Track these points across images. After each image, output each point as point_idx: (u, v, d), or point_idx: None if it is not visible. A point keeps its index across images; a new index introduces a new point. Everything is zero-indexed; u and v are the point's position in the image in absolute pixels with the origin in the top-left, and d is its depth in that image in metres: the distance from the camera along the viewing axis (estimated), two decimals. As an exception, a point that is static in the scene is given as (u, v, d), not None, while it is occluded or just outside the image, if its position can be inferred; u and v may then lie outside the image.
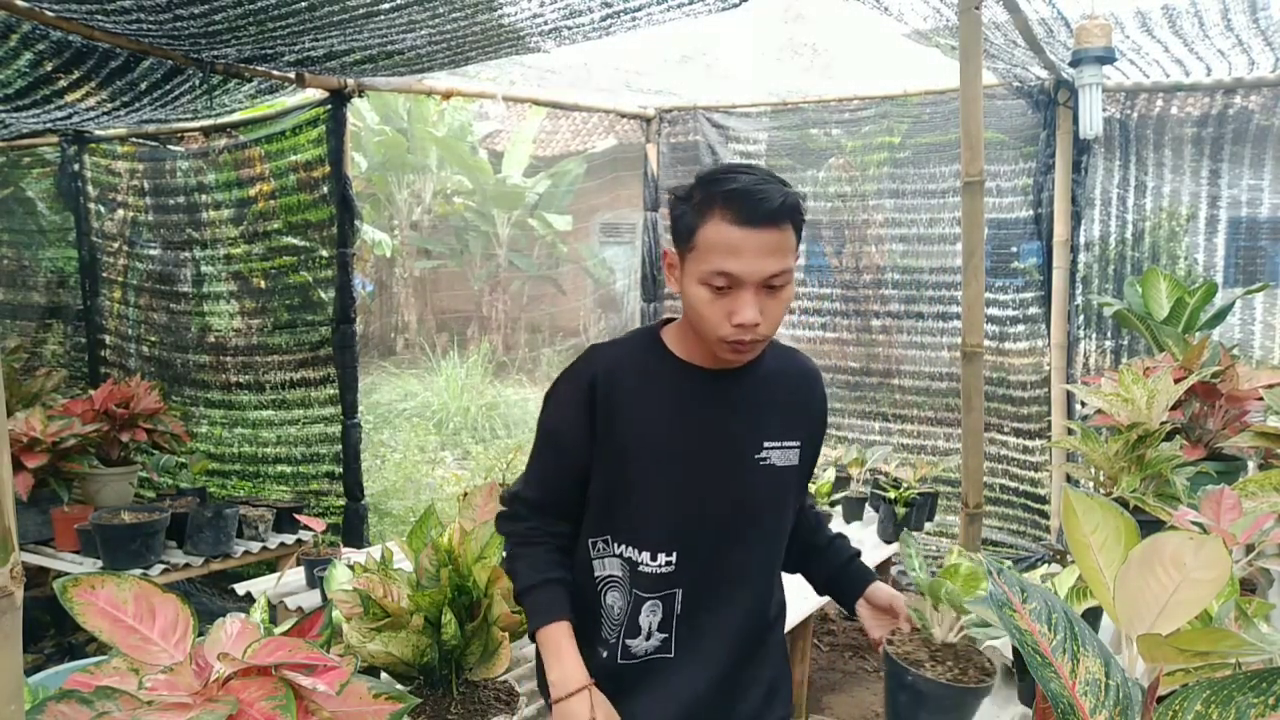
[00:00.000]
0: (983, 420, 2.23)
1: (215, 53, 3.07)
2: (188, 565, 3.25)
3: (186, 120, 4.10)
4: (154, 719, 0.91)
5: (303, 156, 3.95)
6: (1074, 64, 3.35)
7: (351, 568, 2.43)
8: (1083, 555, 0.85)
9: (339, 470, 4.03)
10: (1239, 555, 1.20)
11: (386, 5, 2.54)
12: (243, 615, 1.17)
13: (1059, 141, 4.04)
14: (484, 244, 12.99)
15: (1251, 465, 2.09)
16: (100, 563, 3.16)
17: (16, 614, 0.66)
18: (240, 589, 2.99)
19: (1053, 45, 3.45)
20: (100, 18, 2.67)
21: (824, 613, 4.35)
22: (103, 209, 4.67)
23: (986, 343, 3.35)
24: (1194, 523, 1.22)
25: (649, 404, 1.44)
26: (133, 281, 4.65)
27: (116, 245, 4.66)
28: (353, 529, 3.93)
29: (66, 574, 0.99)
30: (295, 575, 3.08)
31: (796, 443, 1.52)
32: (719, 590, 1.48)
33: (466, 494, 2.29)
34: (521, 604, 1.48)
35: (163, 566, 3.19)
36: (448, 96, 4.01)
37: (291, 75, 3.45)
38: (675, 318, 1.54)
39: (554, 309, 13.38)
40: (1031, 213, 4.23)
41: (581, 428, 1.44)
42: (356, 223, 3.94)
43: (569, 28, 2.88)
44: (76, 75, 3.08)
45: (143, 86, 3.26)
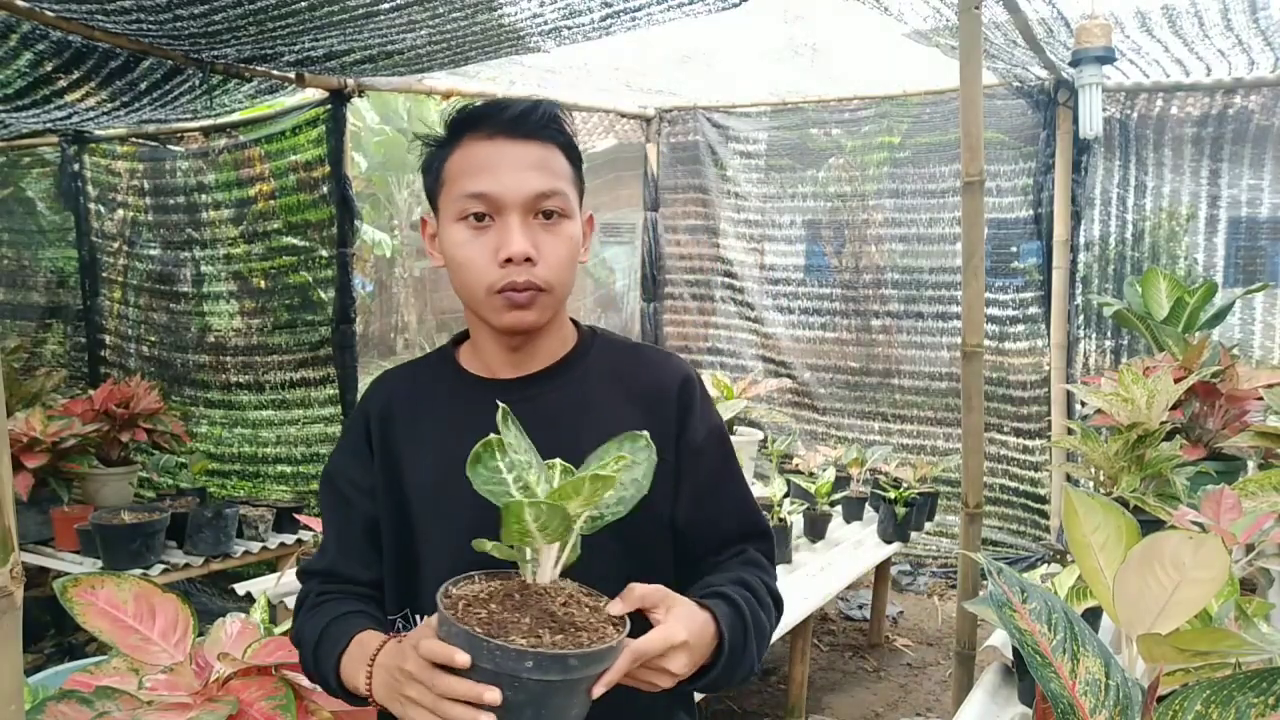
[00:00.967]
0: (983, 420, 2.23)
1: (215, 53, 3.07)
2: (188, 565, 3.25)
3: (186, 120, 4.10)
4: (154, 719, 0.91)
5: (302, 156, 3.95)
6: (1074, 64, 3.35)
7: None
8: (1083, 555, 0.85)
9: (339, 470, 4.03)
10: (1239, 555, 1.20)
11: (386, 5, 2.54)
12: (243, 615, 1.17)
13: (1059, 141, 4.04)
14: (484, 244, 12.99)
15: (1251, 465, 2.09)
16: (100, 563, 3.16)
17: (16, 614, 0.66)
18: (240, 589, 2.99)
19: (1053, 45, 3.46)
20: (100, 18, 2.67)
21: (823, 613, 4.35)
22: (103, 209, 4.67)
23: (986, 342, 3.35)
24: (1194, 522, 1.22)
25: (430, 438, 1.15)
26: (133, 281, 4.65)
27: (116, 245, 4.66)
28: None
29: (66, 574, 0.99)
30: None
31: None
32: None
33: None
34: (315, 669, 1.08)
35: (163, 566, 3.19)
36: (448, 96, 4.01)
37: (291, 75, 3.45)
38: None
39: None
40: (1031, 213, 4.24)
41: (359, 474, 1.17)
42: (356, 223, 3.94)
43: (569, 28, 2.88)
44: (76, 75, 3.08)
45: (143, 86, 3.26)
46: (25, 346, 4.85)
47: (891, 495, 3.64)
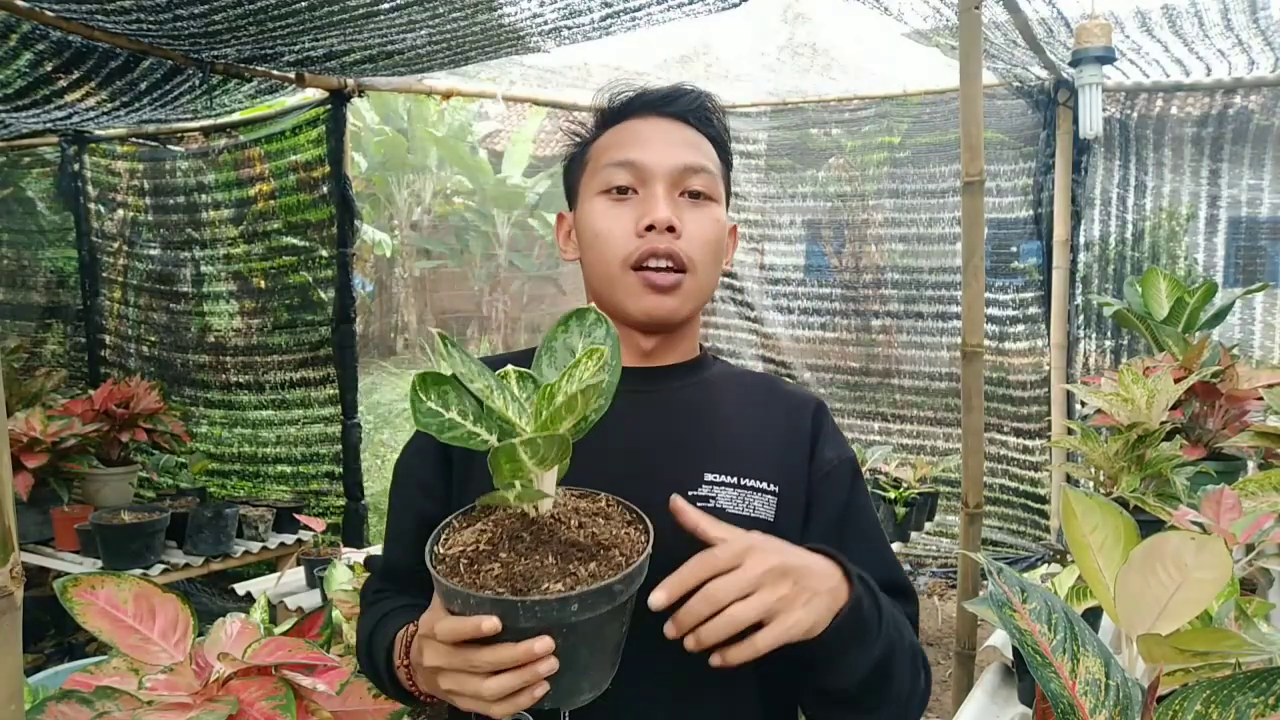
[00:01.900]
0: (983, 420, 2.23)
1: (215, 53, 3.07)
2: (188, 565, 3.25)
3: (186, 120, 4.10)
4: (154, 719, 0.91)
5: (302, 156, 3.95)
6: (1074, 64, 3.35)
7: (351, 568, 2.44)
8: (1083, 555, 0.85)
9: (339, 470, 4.04)
10: (1239, 555, 1.20)
11: (386, 5, 2.54)
12: (243, 615, 1.17)
13: (1059, 141, 4.04)
14: (484, 244, 13.00)
15: (1251, 465, 2.09)
16: (100, 563, 3.16)
17: (16, 614, 0.66)
18: (240, 589, 2.99)
19: (1053, 45, 3.46)
20: (100, 18, 2.67)
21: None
22: (103, 209, 4.67)
23: (986, 343, 3.35)
24: (1194, 523, 1.22)
25: None
26: (133, 281, 4.65)
27: (116, 245, 4.66)
28: (353, 529, 3.93)
29: (66, 574, 0.99)
30: (295, 575, 3.08)
31: (771, 486, 1.01)
32: (637, 710, 0.96)
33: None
34: (370, 671, 1.03)
35: (163, 566, 3.19)
36: (448, 96, 4.01)
37: (291, 75, 3.45)
38: None
39: (554, 309, 13.38)
40: (1031, 213, 4.24)
41: (425, 474, 1.07)
42: (356, 223, 3.94)
43: (569, 28, 2.88)
44: (76, 75, 3.08)
45: (143, 86, 3.26)
46: (25, 346, 4.85)
47: (891, 495, 3.64)
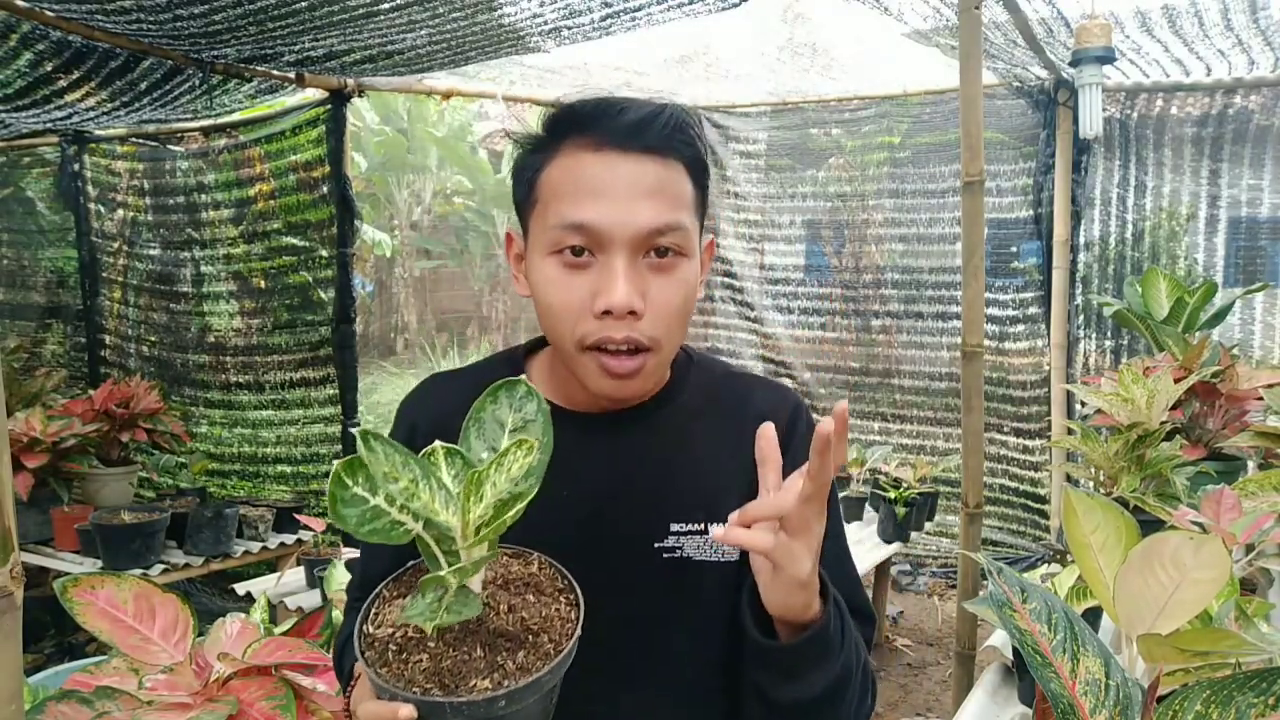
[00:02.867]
0: (983, 420, 2.23)
1: (215, 53, 3.07)
2: (188, 565, 3.25)
3: (186, 120, 4.10)
4: (154, 719, 0.91)
5: (302, 156, 3.95)
6: (1074, 64, 3.35)
7: (351, 567, 2.43)
8: (1083, 555, 0.85)
9: (339, 470, 4.03)
10: (1239, 555, 1.20)
11: (386, 5, 2.54)
12: (243, 615, 1.17)
13: (1059, 141, 4.04)
14: (484, 244, 12.99)
15: (1251, 465, 2.09)
16: (100, 563, 3.16)
17: (16, 614, 0.66)
18: (240, 589, 2.99)
19: (1053, 45, 3.46)
20: (100, 18, 2.67)
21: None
22: (103, 209, 4.67)
23: (986, 343, 3.35)
24: (1194, 522, 1.22)
25: None
26: (133, 281, 4.65)
27: (116, 245, 4.66)
28: (353, 529, 3.92)
29: (66, 574, 0.99)
30: (295, 575, 3.08)
31: None
32: None
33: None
34: (338, 673, 0.99)
35: (163, 566, 3.19)
36: (448, 96, 4.01)
37: (291, 75, 3.45)
38: (542, 337, 1.05)
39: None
40: (1031, 213, 4.24)
41: None
42: (356, 223, 3.94)
43: (569, 28, 2.88)
44: (76, 75, 3.08)
45: (143, 86, 3.26)
46: (25, 346, 4.85)
47: (891, 495, 3.64)
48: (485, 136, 12.54)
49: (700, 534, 0.97)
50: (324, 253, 3.96)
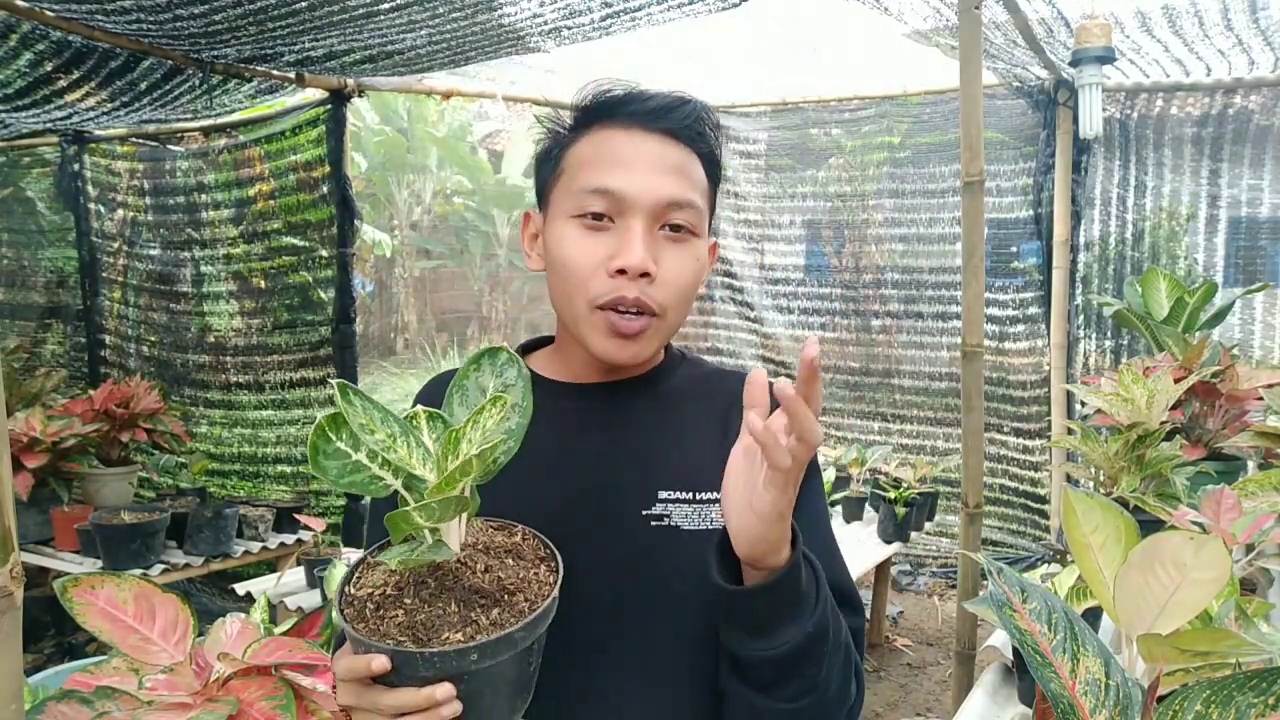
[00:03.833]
0: (983, 420, 2.23)
1: (215, 53, 3.07)
2: (188, 565, 3.25)
3: (186, 120, 4.10)
4: (154, 719, 0.91)
5: (302, 156, 3.95)
6: (1074, 64, 3.35)
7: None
8: (1083, 555, 0.85)
9: (339, 470, 4.03)
10: (1239, 555, 1.20)
11: (386, 5, 2.54)
12: (243, 615, 1.17)
13: (1059, 141, 4.04)
14: (484, 244, 13.00)
15: (1251, 465, 2.09)
16: (100, 563, 3.16)
17: (16, 614, 0.66)
18: (240, 589, 2.99)
19: (1053, 45, 3.46)
20: (100, 18, 2.67)
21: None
22: (103, 209, 4.67)
23: (986, 343, 3.35)
24: (1194, 522, 1.22)
25: None
26: (133, 281, 4.65)
27: (116, 245, 4.66)
28: (353, 529, 3.93)
29: (66, 574, 0.99)
30: (295, 575, 3.08)
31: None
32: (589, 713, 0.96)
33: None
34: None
35: (163, 566, 3.19)
36: (448, 96, 4.01)
37: (291, 75, 3.45)
38: (545, 339, 1.13)
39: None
40: (1031, 213, 4.24)
41: None
42: (356, 223, 3.94)
43: (569, 28, 2.88)
44: (76, 75, 3.08)
45: (143, 86, 3.26)
46: (25, 346, 4.85)
47: (891, 495, 3.64)
48: (485, 136, 12.54)
49: (687, 502, 0.98)
50: (324, 253, 3.96)
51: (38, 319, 4.98)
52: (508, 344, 0.92)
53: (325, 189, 3.90)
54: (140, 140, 4.47)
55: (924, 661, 3.97)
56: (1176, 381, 1.93)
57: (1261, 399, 2.03)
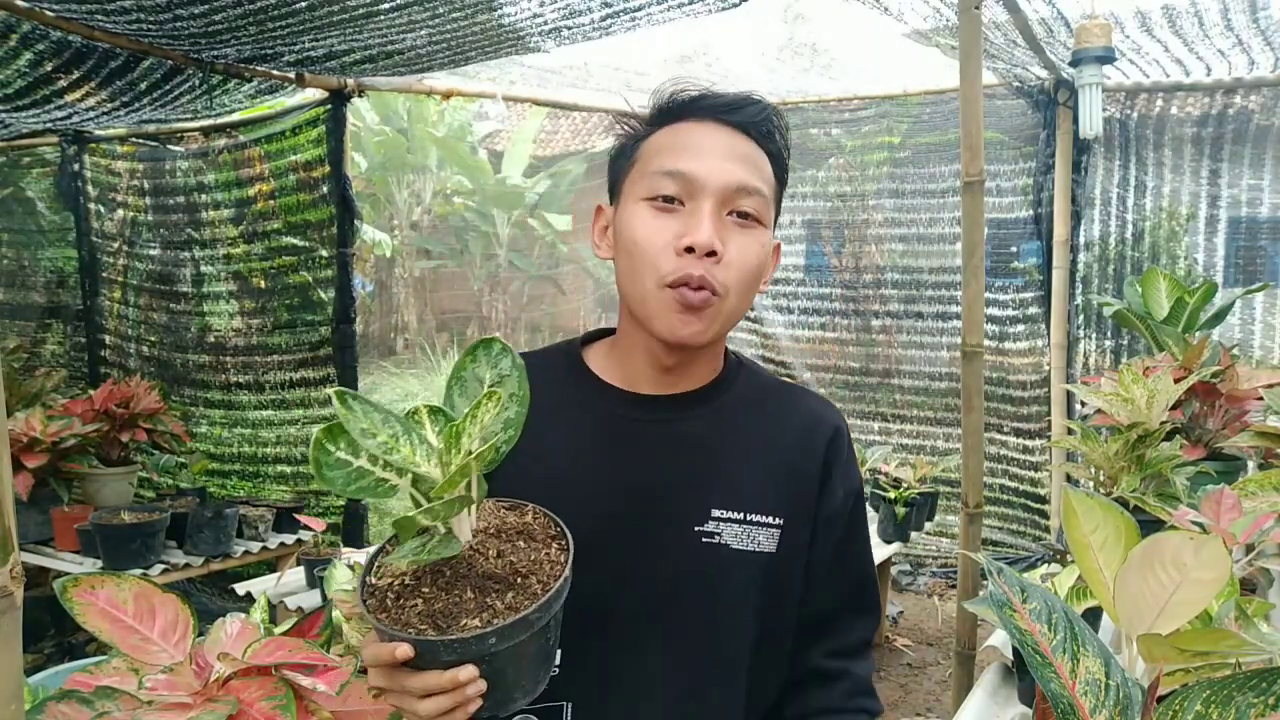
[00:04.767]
0: (983, 420, 2.23)
1: (215, 53, 3.07)
2: (188, 565, 3.25)
3: (186, 120, 4.10)
4: (154, 719, 0.91)
5: (302, 156, 3.95)
6: (1074, 64, 3.35)
7: (351, 567, 2.44)
8: (1083, 555, 0.85)
9: (339, 470, 4.03)
10: (1239, 555, 1.20)
11: (386, 5, 2.54)
12: (243, 615, 1.17)
13: (1059, 141, 4.04)
14: (484, 244, 12.99)
15: (1251, 465, 2.09)
16: (100, 563, 3.16)
17: (16, 614, 0.66)
18: (240, 589, 2.99)
19: (1053, 45, 3.45)
20: (100, 18, 2.67)
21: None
22: (103, 209, 4.67)
23: (986, 342, 3.35)
24: (1194, 522, 1.22)
25: (548, 442, 0.99)
26: (132, 281, 4.65)
27: (116, 245, 4.66)
28: (353, 529, 3.93)
29: (66, 574, 0.99)
30: (295, 575, 3.08)
31: (776, 520, 1.02)
32: (626, 711, 1.01)
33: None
34: None
35: (163, 566, 3.19)
36: (448, 96, 4.01)
37: (291, 75, 3.45)
38: (607, 330, 1.13)
39: (554, 309, 13.38)
40: (1031, 212, 4.24)
41: None
42: (356, 223, 3.94)
43: (569, 28, 2.88)
44: (76, 75, 3.08)
45: (142, 86, 3.26)
46: (25, 346, 4.85)
47: (891, 495, 3.64)
48: (485, 136, 12.54)
49: (738, 523, 1.01)
50: (324, 253, 3.96)
51: (38, 319, 4.98)
52: (512, 343, 0.94)
53: (325, 189, 3.90)
54: (140, 140, 4.47)
55: (924, 661, 3.97)
56: (1176, 381, 1.93)
57: (1261, 399, 2.03)
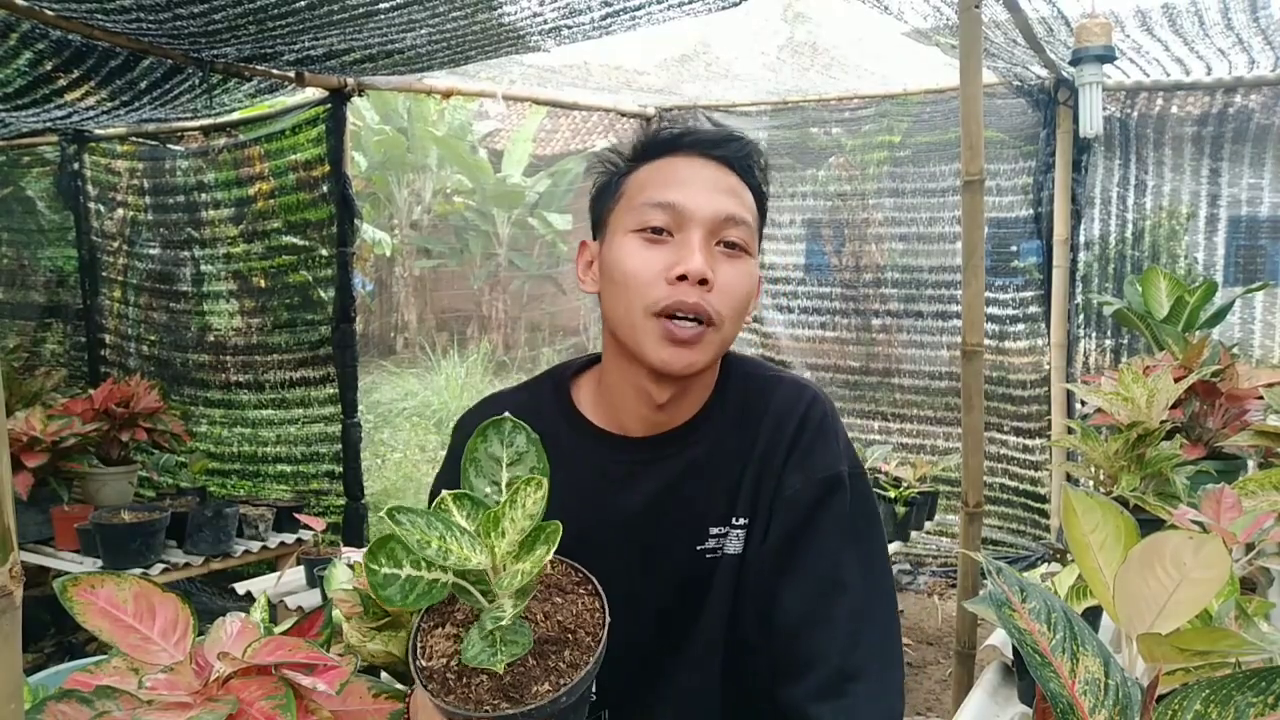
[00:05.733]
0: (983, 419, 2.23)
1: (215, 52, 3.07)
2: (188, 565, 3.25)
3: (186, 119, 4.10)
4: (154, 718, 0.91)
5: (302, 156, 3.95)
6: (1074, 63, 3.35)
7: (351, 567, 2.43)
8: (1082, 555, 0.85)
9: (339, 469, 4.03)
10: (1239, 554, 1.20)
11: (386, 5, 2.54)
12: (243, 615, 1.17)
13: (1059, 140, 4.04)
14: (484, 243, 12.99)
15: (1251, 464, 2.09)
16: (100, 562, 3.16)
17: (16, 614, 0.66)
18: (240, 588, 2.99)
19: (1053, 44, 3.45)
20: (100, 17, 2.67)
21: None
22: (102, 208, 4.67)
23: (986, 342, 3.35)
24: (1194, 522, 1.22)
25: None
26: (132, 281, 4.65)
27: (116, 245, 4.66)
28: (353, 528, 3.93)
29: (66, 573, 0.99)
30: (295, 575, 3.08)
31: (742, 519, 1.06)
32: (659, 711, 1.09)
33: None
34: None
35: (163, 566, 3.19)
36: (448, 96, 4.01)
37: (291, 74, 3.45)
38: (595, 358, 1.13)
39: (554, 308, 13.38)
40: (1031, 212, 4.23)
41: None
42: (356, 222, 3.94)
43: (569, 27, 2.88)
44: (76, 74, 3.08)
45: (142, 86, 3.25)
46: (25, 346, 4.85)
47: (891, 494, 3.64)
48: (485, 136, 12.53)
49: (734, 528, 1.05)
50: (324, 252, 3.96)
51: (38, 318, 4.98)
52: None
53: (325, 188, 3.90)
54: (140, 139, 4.47)
55: (924, 661, 3.97)
56: (1176, 380, 1.93)
57: (1261, 398, 2.03)
